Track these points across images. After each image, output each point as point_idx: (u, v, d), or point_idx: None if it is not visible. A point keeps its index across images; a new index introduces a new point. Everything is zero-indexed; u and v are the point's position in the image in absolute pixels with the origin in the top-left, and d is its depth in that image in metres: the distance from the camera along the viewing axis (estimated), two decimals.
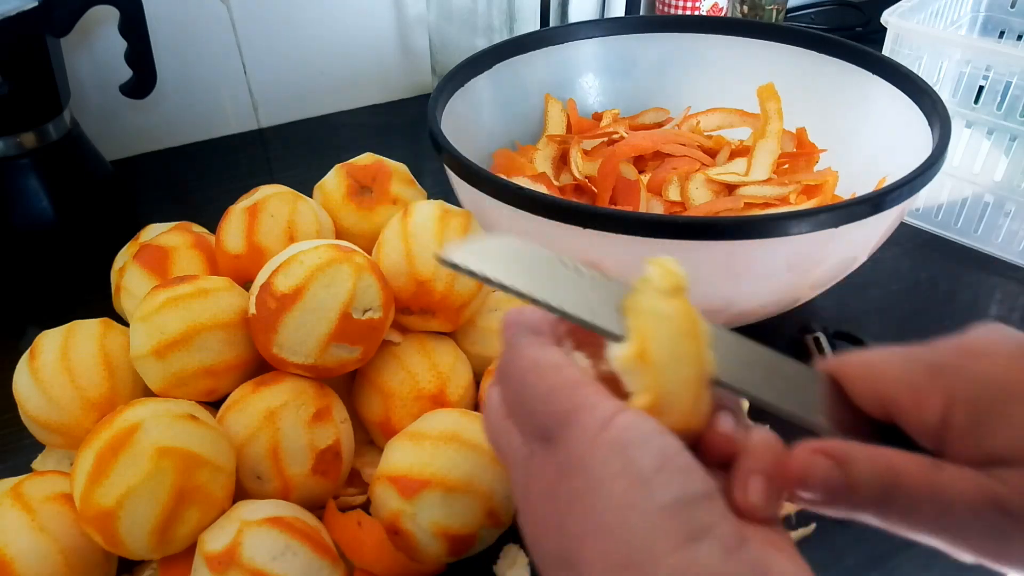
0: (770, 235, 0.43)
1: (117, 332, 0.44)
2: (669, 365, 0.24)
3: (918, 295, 0.61)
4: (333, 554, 0.37)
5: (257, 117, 0.87)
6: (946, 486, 0.23)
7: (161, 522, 0.36)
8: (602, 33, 0.69)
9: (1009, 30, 0.80)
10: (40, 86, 0.61)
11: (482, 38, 0.82)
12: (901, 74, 0.57)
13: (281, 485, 0.40)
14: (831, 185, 0.59)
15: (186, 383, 0.42)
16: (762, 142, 0.61)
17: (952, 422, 0.24)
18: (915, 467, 0.23)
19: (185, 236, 0.51)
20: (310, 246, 0.42)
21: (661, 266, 0.26)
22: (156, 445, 0.36)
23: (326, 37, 0.85)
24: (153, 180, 0.79)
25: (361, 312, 0.41)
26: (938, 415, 0.24)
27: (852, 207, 0.44)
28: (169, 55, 0.77)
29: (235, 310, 0.43)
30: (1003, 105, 0.61)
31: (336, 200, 0.53)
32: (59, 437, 0.42)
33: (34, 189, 0.62)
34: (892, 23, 0.64)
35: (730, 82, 0.67)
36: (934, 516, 0.23)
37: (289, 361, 0.41)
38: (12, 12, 0.56)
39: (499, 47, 0.65)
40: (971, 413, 0.23)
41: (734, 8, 0.96)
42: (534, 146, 0.66)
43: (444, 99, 0.58)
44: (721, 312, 0.51)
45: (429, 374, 0.45)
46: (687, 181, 0.60)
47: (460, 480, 0.38)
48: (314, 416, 0.41)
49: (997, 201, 0.64)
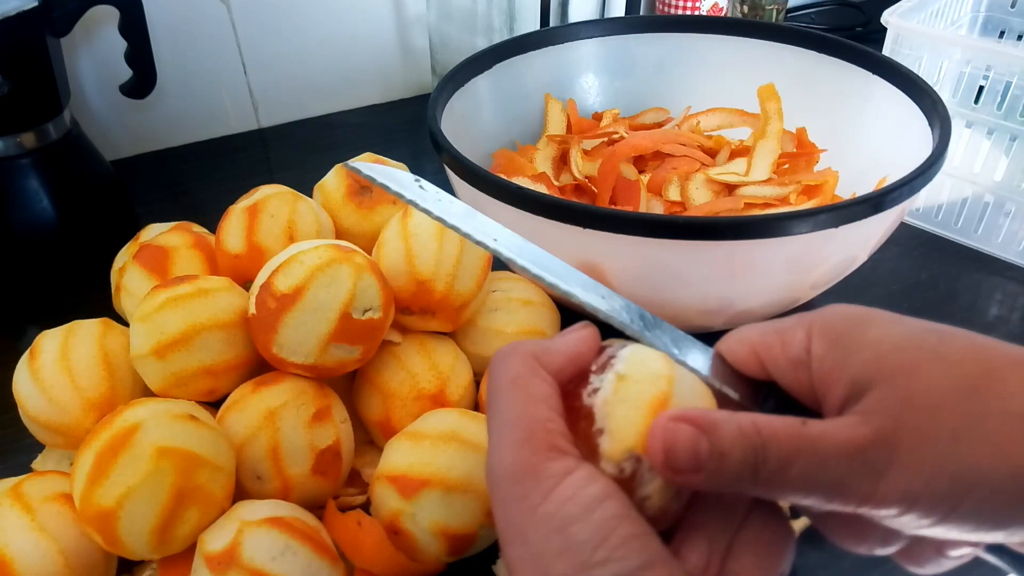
0: (770, 235, 0.43)
1: (117, 332, 0.44)
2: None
3: (918, 295, 0.61)
4: (333, 554, 0.37)
5: (257, 117, 0.87)
6: (815, 436, 0.23)
7: (161, 522, 0.36)
8: (602, 33, 0.69)
9: (1009, 30, 0.80)
10: (40, 86, 0.61)
11: (482, 38, 0.82)
12: (901, 74, 0.57)
13: (281, 485, 0.40)
14: (831, 185, 0.59)
15: (186, 383, 0.42)
16: (762, 142, 0.61)
17: (814, 353, 0.25)
18: (781, 424, 0.23)
19: (185, 236, 0.51)
20: (310, 246, 0.42)
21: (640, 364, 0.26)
22: (156, 445, 0.36)
23: (326, 37, 0.85)
24: (153, 180, 0.79)
25: (361, 312, 0.41)
26: (802, 346, 0.25)
27: (852, 207, 0.44)
28: (169, 55, 0.77)
29: (235, 310, 0.43)
30: (1003, 105, 0.61)
31: (336, 200, 0.53)
32: (59, 437, 0.42)
33: (34, 189, 0.62)
34: (892, 23, 0.64)
35: (730, 82, 0.67)
36: (811, 471, 0.22)
37: (289, 361, 0.41)
38: (12, 12, 0.56)
39: (499, 47, 0.65)
40: (827, 337, 0.25)
41: (734, 8, 0.96)
42: (534, 146, 0.66)
43: (444, 99, 0.58)
44: (721, 312, 0.51)
45: (429, 374, 0.45)
46: (687, 181, 0.60)
47: (460, 480, 0.38)
48: (314, 416, 0.41)
49: (997, 201, 0.64)
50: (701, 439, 0.23)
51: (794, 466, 0.22)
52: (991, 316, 0.59)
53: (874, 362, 0.24)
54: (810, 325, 0.25)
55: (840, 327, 0.25)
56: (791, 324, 0.26)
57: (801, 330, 0.25)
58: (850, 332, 0.25)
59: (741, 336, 0.27)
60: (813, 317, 0.26)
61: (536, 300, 0.51)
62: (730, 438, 0.23)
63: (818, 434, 0.23)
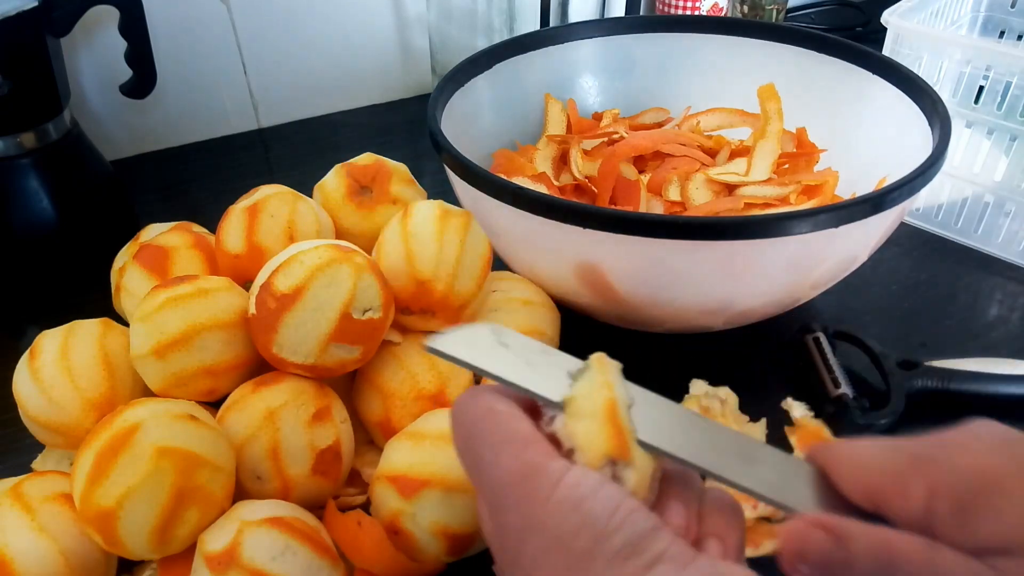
0: (770, 235, 0.43)
1: (117, 332, 0.44)
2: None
3: (918, 295, 0.61)
4: (333, 554, 0.37)
5: (257, 117, 0.87)
6: (944, 567, 0.23)
7: (161, 522, 0.36)
8: (602, 33, 0.69)
9: (1009, 30, 0.80)
10: (40, 86, 0.61)
11: (482, 38, 0.82)
12: (901, 74, 0.57)
13: (281, 485, 0.40)
14: (831, 185, 0.59)
15: (186, 383, 0.42)
16: (762, 142, 0.61)
17: (936, 512, 0.24)
18: (912, 546, 0.23)
19: (185, 236, 0.51)
20: (310, 246, 0.42)
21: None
22: (156, 445, 0.36)
23: (326, 37, 0.85)
24: (153, 180, 0.79)
25: (361, 312, 0.41)
26: (922, 505, 0.24)
27: (852, 207, 0.44)
28: (169, 55, 0.77)
29: (235, 310, 0.43)
30: (1003, 105, 0.61)
31: (336, 200, 0.53)
32: (59, 437, 0.42)
33: (34, 189, 0.62)
34: (892, 23, 0.64)
35: (730, 82, 0.67)
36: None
37: (289, 361, 0.41)
38: (12, 12, 0.56)
39: (499, 47, 0.65)
40: (954, 503, 0.23)
41: (734, 8, 0.96)
42: (534, 146, 0.66)
43: (444, 99, 0.58)
44: (721, 312, 0.51)
45: (429, 374, 0.45)
46: (687, 181, 0.60)
47: (460, 479, 0.38)
48: (314, 416, 0.41)
49: (997, 201, 0.64)
50: (833, 547, 0.24)
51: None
52: (991, 316, 0.59)
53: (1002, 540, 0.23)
54: (934, 483, 0.24)
55: (968, 492, 0.23)
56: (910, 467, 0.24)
57: (922, 486, 0.24)
58: (975, 502, 0.23)
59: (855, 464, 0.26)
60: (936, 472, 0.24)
61: (536, 300, 0.51)
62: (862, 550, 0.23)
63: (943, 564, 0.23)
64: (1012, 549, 0.22)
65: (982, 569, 0.22)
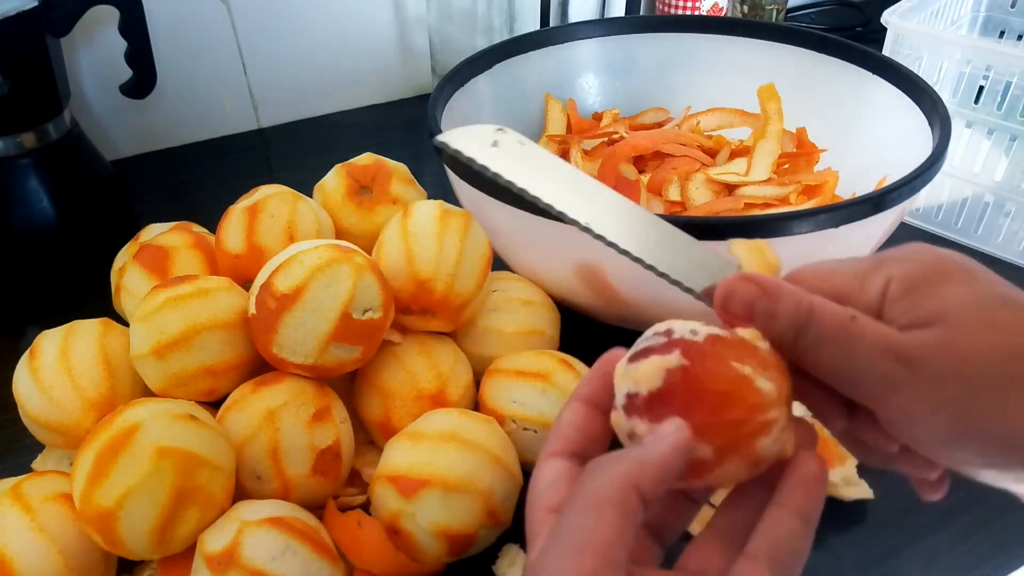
0: (770, 235, 0.43)
1: (117, 332, 0.44)
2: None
3: None
4: (333, 554, 0.37)
5: (257, 117, 0.87)
6: (854, 332, 0.26)
7: (161, 522, 0.36)
8: (602, 33, 0.69)
9: (1009, 30, 0.80)
10: (40, 86, 0.61)
11: (482, 38, 0.82)
12: (901, 74, 0.57)
13: (281, 485, 0.40)
14: (831, 185, 0.59)
15: (186, 383, 0.42)
16: (762, 142, 0.61)
17: (887, 294, 0.27)
18: (834, 309, 0.26)
19: (185, 236, 0.51)
20: (310, 246, 0.42)
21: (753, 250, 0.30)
22: (156, 445, 0.36)
23: (326, 37, 0.85)
24: (153, 180, 0.79)
25: (361, 312, 0.41)
26: (879, 290, 0.27)
27: (852, 207, 0.44)
28: (169, 55, 0.77)
29: (235, 310, 0.43)
30: (1003, 105, 0.61)
31: (336, 200, 0.53)
32: (59, 437, 0.42)
33: (34, 189, 0.62)
34: (892, 23, 0.64)
35: (730, 82, 0.67)
36: (838, 355, 0.26)
37: (289, 361, 0.41)
38: (12, 12, 0.56)
39: (499, 47, 0.65)
40: (906, 285, 0.26)
41: (734, 8, 0.96)
42: None
43: (444, 99, 0.58)
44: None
45: (429, 374, 0.45)
46: (687, 181, 0.60)
47: (459, 480, 0.38)
48: (314, 416, 0.41)
49: (997, 201, 0.64)
50: (761, 299, 0.27)
51: (827, 347, 0.26)
52: None
53: (936, 312, 0.26)
54: (890, 272, 0.27)
55: (917, 278, 0.27)
56: (871, 268, 0.28)
57: (881, 277, 0.27)
58: (924, 284, 0.26)
59: (821, 274, 0.29)
60: (893, 263, 0.27)
61: (536, 300, 0.51)
62: (785, 306, 0.27)
63: (858, 330, 0.26)
64: (931, 322, 0.25)
65: (891, 332, 0.26)
